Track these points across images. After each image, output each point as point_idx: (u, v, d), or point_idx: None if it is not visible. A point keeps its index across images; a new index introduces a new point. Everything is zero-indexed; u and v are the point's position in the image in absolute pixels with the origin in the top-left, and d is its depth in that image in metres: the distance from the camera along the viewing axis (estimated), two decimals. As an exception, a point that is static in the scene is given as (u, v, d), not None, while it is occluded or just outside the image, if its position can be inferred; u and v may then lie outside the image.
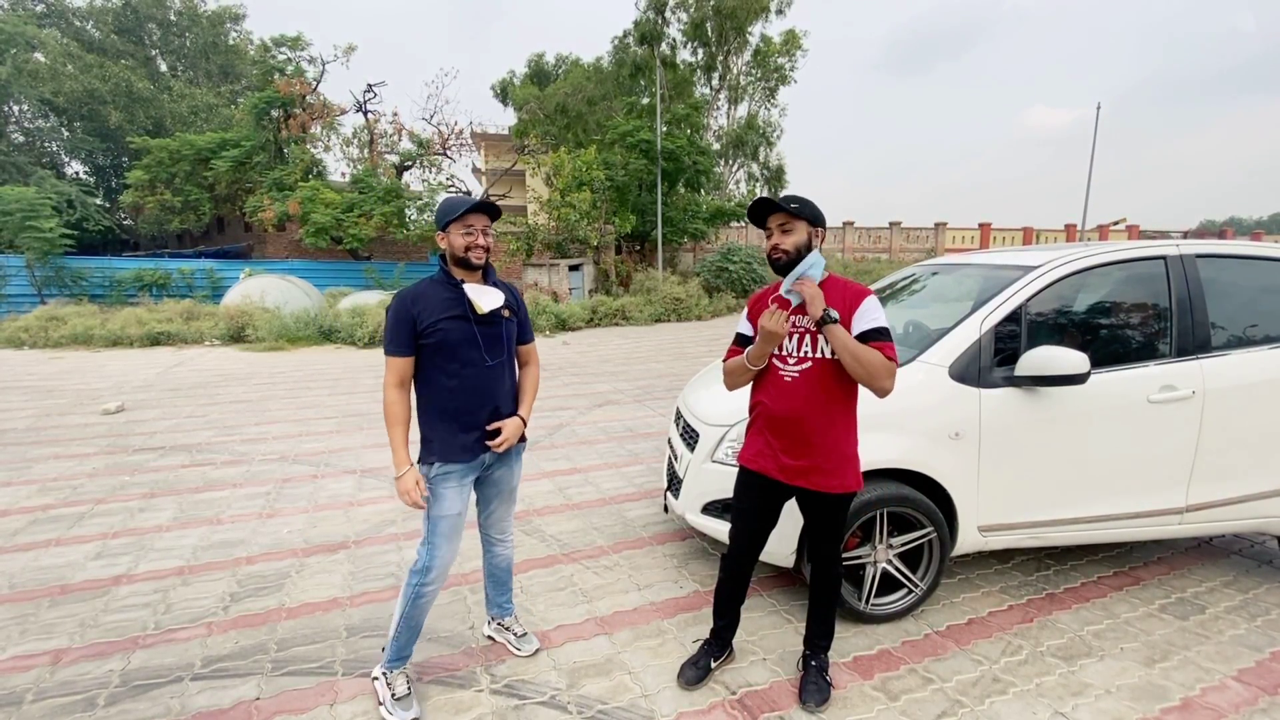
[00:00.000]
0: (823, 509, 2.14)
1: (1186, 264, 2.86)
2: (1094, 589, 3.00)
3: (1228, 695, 2.27)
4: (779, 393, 2.10)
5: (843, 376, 2.01)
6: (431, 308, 2.09)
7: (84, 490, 4.38)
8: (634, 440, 5.54)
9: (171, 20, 28.98)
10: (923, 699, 2.25)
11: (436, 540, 2.16)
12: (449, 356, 2.11)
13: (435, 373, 2.13)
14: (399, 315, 2.07)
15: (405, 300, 2.10)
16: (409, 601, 2.18)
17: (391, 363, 2.10)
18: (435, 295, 2.12)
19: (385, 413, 2.11)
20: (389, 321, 2.10)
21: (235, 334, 12.57)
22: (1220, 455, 2.80)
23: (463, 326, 2.11)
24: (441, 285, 2.14)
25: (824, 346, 2.02)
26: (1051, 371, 2.52)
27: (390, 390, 2.10)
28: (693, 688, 2.30)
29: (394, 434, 2.10)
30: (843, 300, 2.02)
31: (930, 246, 30.19)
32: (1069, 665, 2.44)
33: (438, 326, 2.07)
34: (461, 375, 2.13)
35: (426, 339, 2.08)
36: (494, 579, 2.54)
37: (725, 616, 2.39)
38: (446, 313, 2.09)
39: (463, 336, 2.10)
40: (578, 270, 17.78)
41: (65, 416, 6.54)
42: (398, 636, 2.20)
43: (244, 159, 18.91)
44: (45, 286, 16.48)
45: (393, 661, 2.23)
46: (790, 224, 2.05)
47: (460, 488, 2.19)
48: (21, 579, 3.14)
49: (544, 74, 29.69)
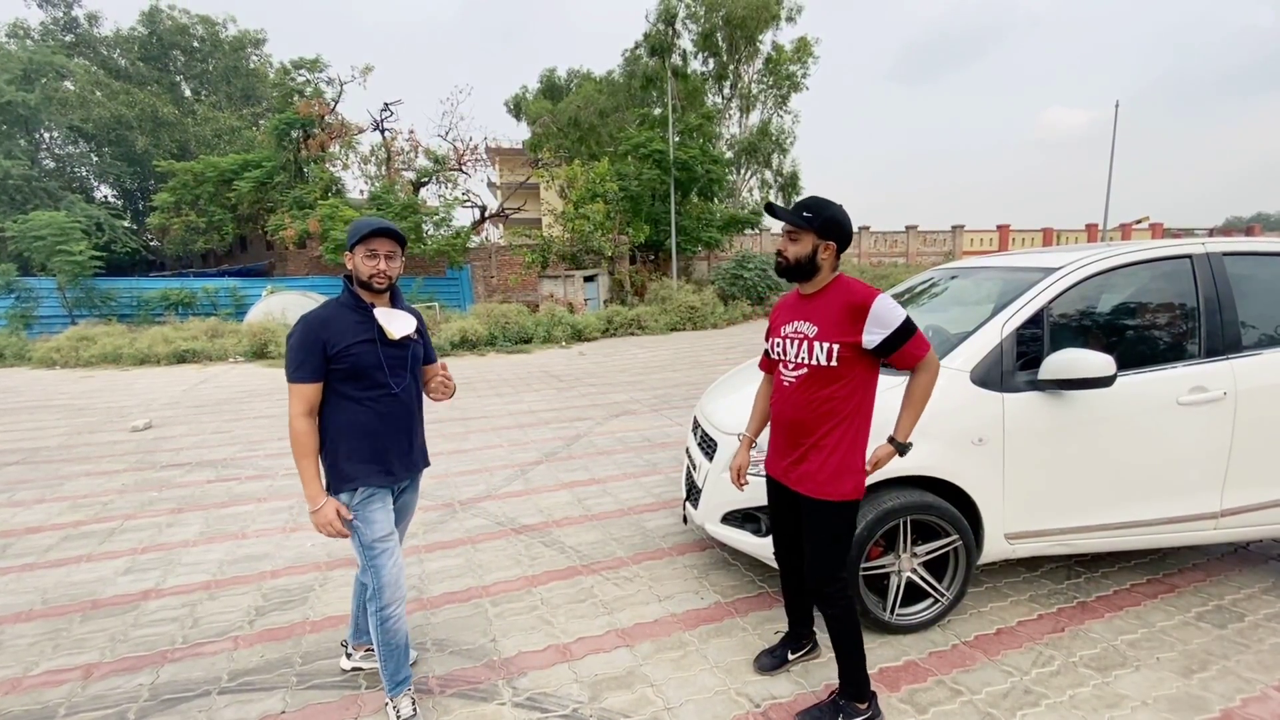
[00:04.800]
0: (813, 516, 2.07)
1: (1213, 262, 2.80)
2: (1127, 597, 2.92)
3: (1270, 706, 2.19)
4: (781, 397, 2.14)
5: (842, 385, 1.97)
6: (341, 332, 2.02)
7: (114, 506, 4.47)
8: (652, 450, 5.53)
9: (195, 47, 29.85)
10: (952, 711, 2.20)
11: (378, 562, 2.11)
12: (362, 383, 2.05)
13: (347, 399, 2.06)
14: (307, 340, 1.99)
15: (313, 324, 2.01)
16: (378, 630, 2.14)
17: (299, 390, 2.00)
18: (344, 319, 2.05)
19: (294, 444, 2.02)
20: (293, 345, 2.00)
21: (258, 351, 12.81)
22: (1255, 458, 2.71)
23: (373, 351, 2.06)
24: (349, 309, 2.07)
25: (819, 354, 1.97)
26: (1076, 374, 2.47)
27: (300, 420, 2.01)
28: (765, 674, 2.40)
29: (305, 466, 2.02)
30: (843, 312, 1.94)
31: (948, 250, 29.87)
32: (1103, 676, 2.37)
33: (349, 351, 2.01)
34: (377, 400, 2.09)
35: (338, 364, 2.01)
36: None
37: (792, 615, 2.46)
38: (357, 337, 2.03)
39: (374, 361, 2.05)
40: (593, 281, 17.87)
41: (95, 434, 6.70)
42: (385, 665, 2.17)
43: (265, 179, 19.33)
44: (76, 308, 16.92)
45: (393, 689, 2.18)
46: (797, 234, 2.00)
47: (385, 507, 2.16)
48: (54, 594, 3.21)
49: (556, 88, 30.03)
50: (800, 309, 2.10)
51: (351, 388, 2.06)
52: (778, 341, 2.15)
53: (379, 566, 2.11)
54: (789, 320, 2.12)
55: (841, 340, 1.94)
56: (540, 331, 14.41)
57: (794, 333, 2.07)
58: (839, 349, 1.94)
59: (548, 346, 13.99)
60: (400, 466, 2.19)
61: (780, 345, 2.13)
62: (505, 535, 3.79)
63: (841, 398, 1.99)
